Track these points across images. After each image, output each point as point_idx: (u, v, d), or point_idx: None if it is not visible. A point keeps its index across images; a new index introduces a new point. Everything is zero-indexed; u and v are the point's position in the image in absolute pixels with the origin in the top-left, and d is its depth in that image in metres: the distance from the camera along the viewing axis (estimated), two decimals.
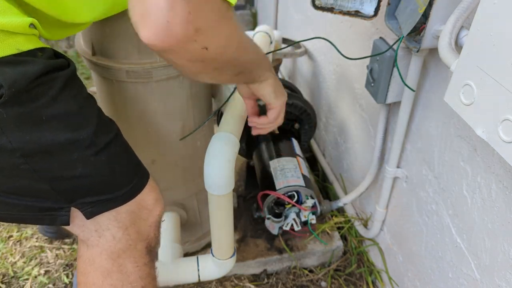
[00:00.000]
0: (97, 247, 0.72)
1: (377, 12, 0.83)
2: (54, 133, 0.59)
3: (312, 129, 1.36)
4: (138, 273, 0.76)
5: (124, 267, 0.74)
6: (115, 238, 0.72)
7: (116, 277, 0.74)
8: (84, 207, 0.67)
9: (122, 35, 0.81)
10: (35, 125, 0.57)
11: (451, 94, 0.63)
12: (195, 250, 1.28)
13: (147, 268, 0.77)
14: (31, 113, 0.57)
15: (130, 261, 0.75)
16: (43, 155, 0.59)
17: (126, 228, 0.73)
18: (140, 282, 0.76)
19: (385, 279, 1.25)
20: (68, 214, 0.67)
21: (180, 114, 0.96)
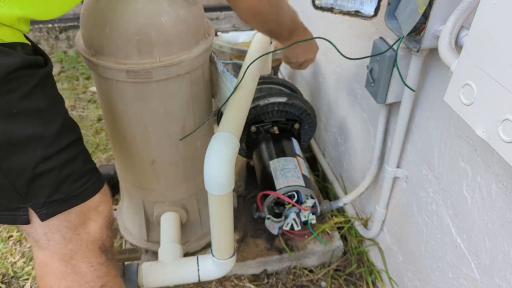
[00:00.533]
0: (47, 249, 0.72)
1: (377, 12, 0.83)
2: (23, 126, 0.61)
3: (312, 129, 1.36)
4: (94, 272, 0.76)
5: (78, 268, 0.74)
6: (66, 239, 0.72)
7: (71, 278, 0.74)
8: (38, 209, 0.67)
9: (122, 35, 0.81)
10: (6, 117, 0.59)
11: (451, 94, 0.63)
12: (195, 250, 1.28)
13: (103, 267, 0.77)
14: (5, 105, 0.58)
15: (84, 262, 0.75)
16: (9, 148, 0.61)
17: (75, 228, 0.73)
18: (98, 281, 0.76)
19: (385, 279, 1.25)
20: (27, 214, 0.67)
21: (180, 114, 0.96)
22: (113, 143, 1.08)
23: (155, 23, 0.81)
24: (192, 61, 0.89)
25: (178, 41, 0.85)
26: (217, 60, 0.97)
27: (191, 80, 0.93)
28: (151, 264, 1.01)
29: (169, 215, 1.14)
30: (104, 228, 0.77)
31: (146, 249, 1.27)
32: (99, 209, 0.76)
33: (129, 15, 0.79)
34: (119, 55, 0.83)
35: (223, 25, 2.88)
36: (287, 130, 1.32)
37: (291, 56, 1.12)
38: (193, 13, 0.87)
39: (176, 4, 0.83)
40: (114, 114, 0.95)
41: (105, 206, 0.77)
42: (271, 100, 1.25)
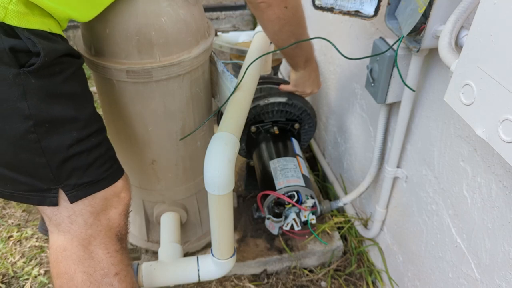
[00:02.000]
0: (68, 233, 0.74)
1: (377, 12, 0.83)
2: (62, 108, 0.66)
3: (312, 129, 1.36)
4: (110, 259, 0.77)
5: (95, 253, 0.76)
6: (87, 224, 0.74)
7: (88, 263, 0.75)
8: (69, 191, 0.70)
9: (122, 35, 0.81)
10: (50, 98, 0.64)
11: (451, 94, 0.63)
12: (195, 250, 1.28)
13: (118, 255, 0.79)
14: (50, 86, 0.64)
15: (101, 248, 0.76)
16: (50, 127, 0.65)
17: (97, 214, 0.75)
18: (113, 268, 0.77)
19: (385, 279, 1.25)
20: (57, 196, 0.70)
21: (180, 114, 0.96)
22: (113, 143, 1.07)
23: (155, 23, 0.81)
24: (192, 61, 0.89)
25: (178, 41, 0.85)
26: (217, 60, 0.97)
27: (191, 80, 0.93)
28: (151, 264, 1.01)
29: (169, 215, 1.14)
30: (122, 216, 0.80)
31: (146, 249, 1.27)
32: (120, 195, 0.79)
33: (129, 15, 0.79)
34: (119, 55, 0.83)
35: (223, 25, 2.88)
36: (287, 130, 1.32)
37: (301, 85, 1.19)
38: (193, 13, 0.87)
39: (176, 4, 0.83)
40: (114, 114, 0.95)
41: (126, 193, 0.80)
42: (271, 100, 1.25)
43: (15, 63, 0.59)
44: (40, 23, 0.62)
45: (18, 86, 0.60)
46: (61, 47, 0.65)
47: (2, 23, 0.58)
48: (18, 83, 0.60)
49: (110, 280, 0.76)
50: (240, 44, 1.61)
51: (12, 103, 0.61)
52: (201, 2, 0.93)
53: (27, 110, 0.62)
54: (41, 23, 0.62)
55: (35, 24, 0.61)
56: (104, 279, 0.76)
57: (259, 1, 0.83)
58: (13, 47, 0.59)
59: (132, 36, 0.80)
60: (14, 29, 0.59)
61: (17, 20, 0.59)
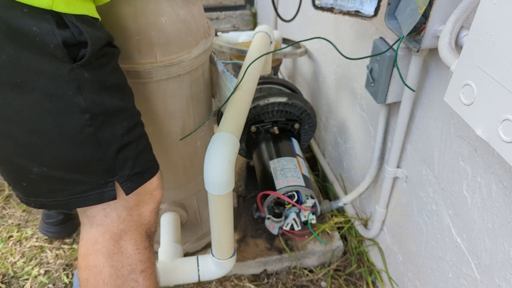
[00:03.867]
0: (102, 226, 0.74)
1: (377, 12, 0.83)
2: (113, 98, 0.66)
3: (312, 129, 1.36)
4: (138, 256, 0.77)
5: (125, 249, 0.76)
6: (120, 218, 0.74)
7: (117, 258, 0.75)
8: (124, 182, 0.71)
9: (122, 35, 0.81)
10: (101, 89, 0.64)
11: (451, 94, 0.63)
12: (195, 250, 1.28)
13: (147, 252, 0.78)
14: (101, 77, 0.64)
15: (131, 243, 0.76)
16: (104, 119, 0.65)
17: (130, 209, 0.75)
18: (140, 265, 0.77)
19: (385, 279, 1.25)
20: (114, 189, 0.70)
21: (180, 114, 0.96)
22: None
23: (155, 23, 0.81)
24: (192, 61, 0.89)
25: (178, 41, 0.85)
26: (217, 60, 0.97)
27: (191, 80, 0.93)
28: None
29: (169, 215, 1.14)
30: (153, 213, 0.80)
31: None
32: (154, 193, 0.79)
33: (129, 15, 0.79)
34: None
35: (223, 25, 2.88)
36: (287, 130, 1.32)
37: None
38: (193, 13, 0.87)
39: (176, 4, 0.83)
40: None
41: (159, 191, 0.80)
42: (271, 100, 1.25)
43: (68, 58, 0.58)
44: (84, 7, 0.60)
45: (73, 81, 0.60)
46: (103, 35, 0.64)
47: (51, 11, 0.55)
48: (73, 78, 0.59)
49: (136, 277, 0.76)
50: (240, 44, 1.61)
51: (69, 99, 0.60)
52: (201, 2, 0.93)
53: (83, 104, 0.61)
54: (84, 7, 0.60)
55: (80, 8, 0.59)
56: (130, 274, 0.76)
57: None
58: (65, 41, 0.57)
59: (132, 36, 0.80)
60: (62, 16, 0.57)
61: (64, 6, 0.56)
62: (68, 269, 1.31)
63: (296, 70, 1.99)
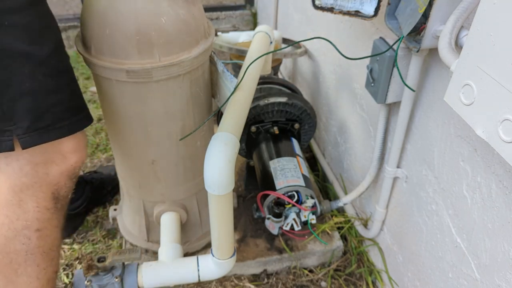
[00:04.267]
0: (3, 174, 0.70)
1: (377, 12, 0.83)
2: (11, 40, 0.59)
3: (312, 129, 1.36)
4: (37, 214, 0.74)
5: (24, 203, 0.72)
6: (22, 171, 0.70)
7: (13, 210, 0.72)
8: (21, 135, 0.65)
9: (122, 35, 0.81)
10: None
11: (451, 94, 0.63)
12: (195, 250, 1.28)
13: (48, 213, 0.75)
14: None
15: (32, 199, 0.73)
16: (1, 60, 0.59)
17: (36, 164, 0.71)
18: (36, 223, 0.74)
19: (385, 279, 1.25)
20: (12, 139, 0.65)
21: (180, 114, 0.96)
22: (113, 143, 1.08)
23: (155, 23, 0.81)
24: (192, 61, 0.89)
25: (178, 41, 0.85)
26: (217, 60, 0.97)
27: (191, 80, 0.93)
28: (151, 264, 1.01)
29: (169, 215, 1.14)
30: (64, 176, 0.75)
31: (146, 249, 1.27)
32: (67, 155, 0.74)
33: (129, 15, 0.79)
34: (119, 55, 0.83)
35: (223, 25, 2.88)
36: (287, 130, 1.32)
37: None
38: (193, 13, 0.87)
39: (176, 4, 0.83)
40: (114, 114, 0.95)
41: (75, 155, 0.75)
42: (271, 100, 1.25)
43: None
44: None
45: None
46: None
47: None
48: None
49: (29, 234, 0.73)
50: (240, 44, 1.61)
51: None
52: (201, 2, 0.93)
53: None
54: None
55: None
56: (23, 230, 0.72)
57: None
58: None
59: (132, 36, 0.80)
60: None
61: None
62: (68, 269, 1.31)
63: (296, 70, 1.99)
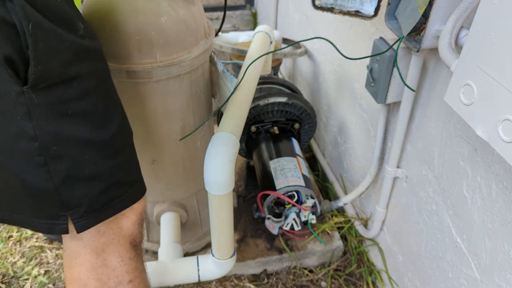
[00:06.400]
0: (81, 240, 0.71)
1: (377, 12, 0.83)
2: (74, 129, 0.58)
3: (312, 129, 1.36)
4: (124, 267, 0.75)
5: (109, 261, 0.74)
6: (99, 232, 0.71)
7: (102, 271, 0.73)
8: (77, 219, 0.66)
9: (122, 35, 0.81)
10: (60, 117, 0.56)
11: (451, 94, 0.63)
12: (195, 250, 1.28)
13: (133, 262, 0.77)
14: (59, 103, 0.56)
15: (115, 256, 0.74)
16: (58, 149, 0.58)
17: (109, 222, 0.72)
18: (127, 276, 0.75)
19: (385, 279, 1.25)
20: (66, 223, 0.66)
21: (180, 114, 0.96)
22: None
23: (155, 23, 0.81)
24: (192, 61, 0.89)
25: (178, 41, 0.85)
26: (217, 60, 0.97)
27: (191, 80, 0.93)
28: (151, 264, 1.01)
29: (169, 215, 1.14)
30: (136, 224, 0.77)
31: (146, 249, 1.27)
32: (133, 206, 0.75)
33: (129, 15, 0.79)
34: (119, 55, 0.83)
35: (223, 25, 2.88)
36: (287, 130, 1.32)
37: None
38: (193, 13, 0.87)
39: (176, 4, 0.83)
40: None
41: (140, 204, 0.76)
42: (271, 100, 1.25)
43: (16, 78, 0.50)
44: None
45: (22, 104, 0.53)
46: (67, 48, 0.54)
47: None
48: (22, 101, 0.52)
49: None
50: (240, 44, 1.61)
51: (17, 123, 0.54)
52: (201, 2, 0.93)
53: (32, 132, 0.55)
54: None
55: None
56: (118, 286, 0.74)
57: None
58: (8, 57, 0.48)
59: (132, 36, 0.80)
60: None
61: None
62: None
63: (296, 70, 1.99)
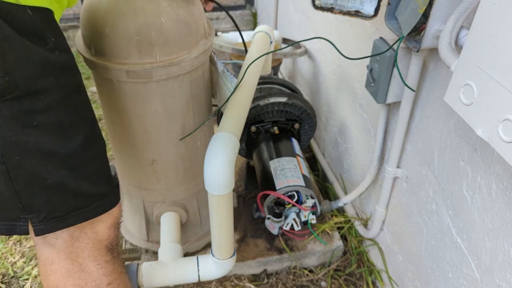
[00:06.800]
0: (54, 247, 0.71)
1: (377, 12, 0.83)
2: (39, 140, 0.59)
3: (312, 129, 1.36)
4: (101, 270, 0.75)
5: (85, 266, 0.74)
6: (73, 237, 0.72)
7: (78, 276, 0.73)
8: (36, 223, 0.66)
9: (122, 35, 0.81)
10: (25, 128, 0.57)
11: (451, 94, 0.63)
12: (195, 250, 1.28)
13: (109, 265, 0.77)
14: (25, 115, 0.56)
15: (90, 260, 0.74)
16: (21, 159, 0.59)
17: (83, 227, 0.72)
18: (105, 279, 0.76)
19: (385, 279, 1.25)
20: (27, 225, 0.66)
21: (180, 114, 0.96)
22: (113, 143, 1.08)
23: (155, 23, 0.81)
24: (192, 61, 0.89)
25: (178, 41, 0.85)
26: (217, 60, 0.97)
27: (191, 80, 0.93)
28: (151, 264, 1.01)
29: (169, 215, 1.14)
30: (112, 228, 0.77)
31: (146, 249, 1.27)
32: (110, 211, 0.76)
33: (129, 15, 0.79)
34: (119, 55, 0.83)
35: (223, 25, 2.88)
36: (287, 130, 1.32)
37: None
38: (193, 13, 0.87)
39: (176, 4, 0.83)
40: (114, 114, 0.95)
41: (116, 209, 0.77)
42: (271, 100, 1.25)
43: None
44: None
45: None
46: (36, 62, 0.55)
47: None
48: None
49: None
50: (240, 44, 1.61)
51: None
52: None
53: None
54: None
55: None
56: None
57: None
58: None
59: (132, 36, 0.80)
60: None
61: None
62: None
63: (296, 70, 1.99)
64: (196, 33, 0.89)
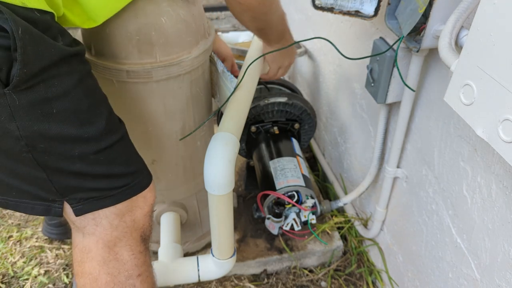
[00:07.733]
0: (94, 235, 0.73)
1: (377, 12, 0.83)
2: (61, 127, 0.60)
3: (312, 129, 1.36)
4: (134, 261, 0.76)
5: (120, 255, 0.75)
6: (112, 226, 0.73)
7: (113, 265, 0.74)
8: (74, 204, 0.68)
9: (122, 35, 0.81)
10: (43, 116, 0.58)
11: (451, 94, 0.63)
12: (195, 250, 1.28)
13: (142, 256, 0.78)
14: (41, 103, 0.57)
15: (126, 249, 0.75)
16: (46, 147, 0.60)
17: (123, 215, 0.73)
18: (136, 270, 0.76)
19: (385, 279, 1.25)
20: (62, 207, 0.68)
21: (180, 114, 0.96)
22: None
23: (155, 23, 0.81)
24: (192, 61, 0.89)
25: (178, 41, 0.85)
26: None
27: (191, 80, 0.93)
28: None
29: (169, 215, 1.14)
30: (147, 216, 0.78)
31: None
32: (147, 195, 0.77)
33: (129, 15, 0.79)
34: (119, 55, 0.83)
35: (223, 25, 2.88)
36: (287, 130, 1.32)
37: (279, 59, 1.10)
38: (193, 13, 0.87)
39: (176, 4, 0.83)
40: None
41: (152, 193, 0.78)
42: (271, 100, 1.25)
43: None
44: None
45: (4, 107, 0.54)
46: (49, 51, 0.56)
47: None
48: (4, 103, 0.54)
49: (133, 282, 0.76)
50: (240, 44, 1.61)
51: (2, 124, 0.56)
52: (201, 2, 0.93)
53: (16, 132, 0.56)
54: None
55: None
56: (128, 280, 0.75)
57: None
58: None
59: (132, 36, 0.81)
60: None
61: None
62: (68, 269, 1.31)
63: (296, 70, 1.99)
64: (196, 33, 0.89)
